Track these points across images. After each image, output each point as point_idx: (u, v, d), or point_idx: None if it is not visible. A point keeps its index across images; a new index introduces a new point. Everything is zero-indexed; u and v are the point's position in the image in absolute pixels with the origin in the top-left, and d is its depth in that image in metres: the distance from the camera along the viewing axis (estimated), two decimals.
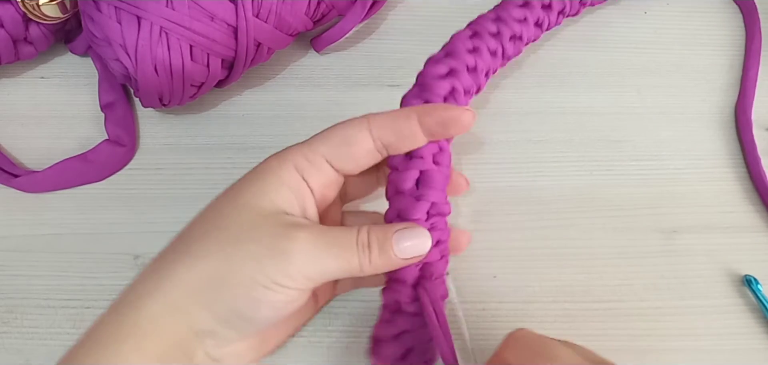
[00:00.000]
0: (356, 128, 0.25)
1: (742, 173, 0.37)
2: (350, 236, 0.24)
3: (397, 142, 0.25)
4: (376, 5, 0.39)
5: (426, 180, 0.26)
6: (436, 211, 0.26)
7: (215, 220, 0.24)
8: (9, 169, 0.33)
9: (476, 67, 0.30)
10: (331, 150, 0.25)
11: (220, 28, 0.32)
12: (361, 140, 0.25)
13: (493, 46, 0.31)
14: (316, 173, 0.25)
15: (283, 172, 0.24)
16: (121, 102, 0.36)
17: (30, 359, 0.30)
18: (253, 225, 0.23)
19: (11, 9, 0.33)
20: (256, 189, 0.24)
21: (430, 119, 0.25)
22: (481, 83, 0.31)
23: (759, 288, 0.33)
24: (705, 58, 0.41)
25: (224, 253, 0.23)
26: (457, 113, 0.25)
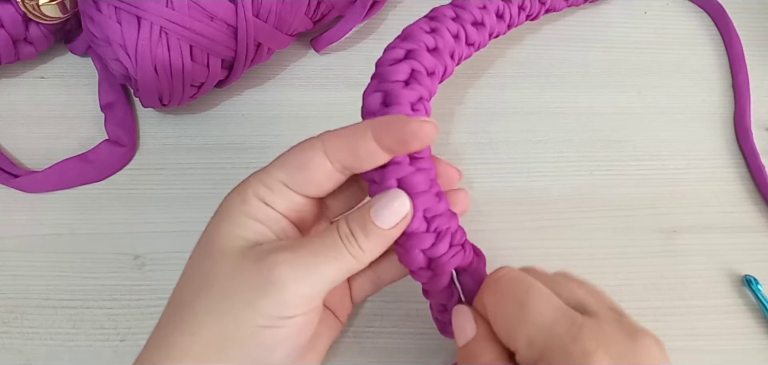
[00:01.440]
0: (311, 151, 0.23)
1: (742, 173, 0.37)
2: (332, 235, 0.23)
3: (355, 162, 0.23)
4: (376, 5, 0.39)
5: (408, 188, 0.24)
6: (431, 214, 0.24)
7: (198, 279, 0.23)
8: (9, 169, 0.33)
9: (437, 47, 0.28)
10: (288, 176, 0.23)
11: (220, 28, 0.32)
12: (316, 165, 0.23)
13: (454, 29, 0.30)
14: (279, 198, 0.24)
15: (245, 206, 0.23)
16: (121, 102, 0.36)
17: (30, 359, 0.30)
18: (234, 271, 0.22)
19: (11, 9, 0.33)
20: (224, 232, 0.23)
21: (386, 137, 0.23)
22: (447, 64, 0.29)
23: (759, 288, 0.33)
24: (705, 58, 0.41)
25: (218, 311, 0.22)
26: (415, 127, 0.23)
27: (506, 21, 0.35)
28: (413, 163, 0.24)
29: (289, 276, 0.22)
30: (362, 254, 0.23)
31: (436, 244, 0.24)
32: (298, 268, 0.22)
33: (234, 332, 0.21)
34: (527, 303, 0.22)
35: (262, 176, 0.24)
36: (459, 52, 0.31)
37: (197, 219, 0.33)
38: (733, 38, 0.41)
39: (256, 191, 0.23)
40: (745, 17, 0.42)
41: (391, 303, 0.32)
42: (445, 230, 0.24)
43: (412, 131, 0.23)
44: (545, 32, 0.41)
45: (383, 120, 0.24)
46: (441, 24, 0.30)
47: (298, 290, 0.22)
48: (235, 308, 0.22)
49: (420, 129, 0.23)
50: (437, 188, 0.25)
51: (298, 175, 0.23)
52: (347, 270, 0.23)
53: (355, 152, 0.23)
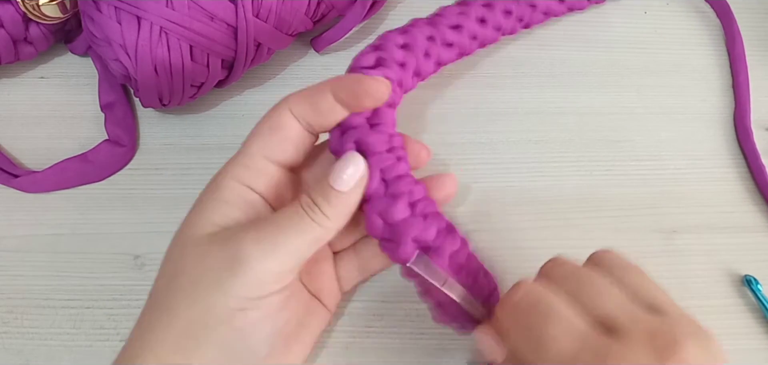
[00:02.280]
0: (278, 112, 0.25)
1: (742, 173, 0.37)
2: (294, 207, 0.23)
3: (317, 118, 0.24)
4: (376, 5, 0.39)
5: (365, 148, 0.24)
6: (391, 177, 0.24)
7: (172, 269, 0.23)
8: (9, 169, 0.33)
9: (406, 43, 0.29)
10: (263, 144, 0.24)
11: (220, 28, 0.32)
12: (285, 123, 0.24)
13: (427, 31, 0.31)
14: (258, 175, 0.24)
15: (220, 191, 0.24)
16: (121, 102, 0.36)
17: (30, 359, 0.30)
18: (201, 256, 0.22)
19: (11, 9, 0.33)
20: (195, 219, 0.23)
21: (342, 92, 0.24)
22: (420, 60, 0.30)
23: (759, 288, 0.33)
24: (705, 58, 0.41)
25: (189, 298, 0.22)
26: (368, 83, 0.24)
27: (491, 25, 0.35)
28: (372, 126, 0.25)
29: (255, 252, 0.22)
30: (327, 220, 0.23)
31: (393, 205, 0.24)
32: (263, 243, 0.22)
33: (205, 317, 0.21)
34: (545, 338, 0.20)
35: (239, 158, 0.24)
36: (436, 51, 0.32)
37: None
38: (735, 38, 0.41)
39: (234, 174, 0.24)
40: (746, 17, 0.42)
41: (391, 303, 0.32)
42: (402, 192, 0.24)
43: (364, 86, 0.24)
44: (545, 32, 0.41)
45: (341, 77, 0.25)
46: (413, 27, 0.31)
47: (266, 265, 0.22)
48: (205, 292, 0.22)
49: (372, 85, 0.24)
50: (399, 153, 0.25)
51: (272, 138, 0.24)
52: (314, 240, 0.23)
53: (316, 107, 0.24)
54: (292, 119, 0.24)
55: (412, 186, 0.25)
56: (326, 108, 0.24)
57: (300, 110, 0.24)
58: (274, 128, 0.24)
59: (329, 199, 0.23)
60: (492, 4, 0.35)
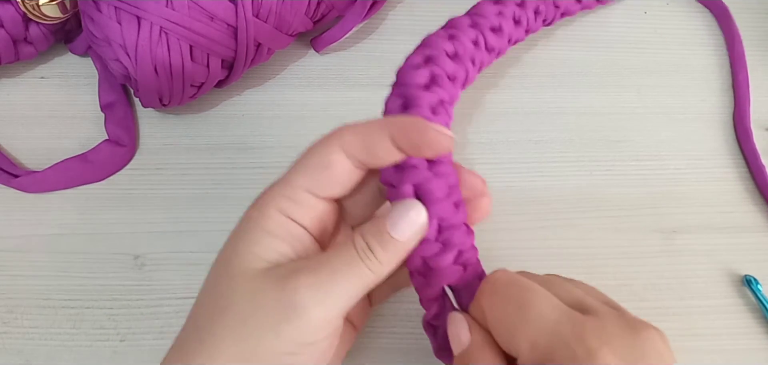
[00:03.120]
0: (329, 148, 0.23)
1: (742, 174, 0.37)
2: (349, 250, 0.22)
3: (371, 159, 0.23)
4: (376, 5, 0.39)
5: (424, 195, 0.23)
6: (447, 225, 0.23)
7: (216, 300, 0.22)
8: (9, 169, 0.33)
9: (457, 52, 0.28)
10: (310, 180, 0.23)
11: (220, 28, 0.32)
12: (336, 162, 0.23)
13: (472, 35, 0.30)
14: (302, 209, 0.23)
15: (265, 221, 0.23)
16: (121, 102, 0.36)
17: (30, 359, 0.30)
18: (253, 294, 0.21)
19: (11, 9, 0.33)
20: (242, 250, 0.23)
21: (402, 140, 0.23)
22: (468, 69, 0.29)
23: (759, 288, 0.33)
24: (705, 58, 0.41)
25: (238, 335, 0.21)
26: (431, 136, 0.23)
27: (523, 26, 0.35)
28: (431, 167, 0.23)
29: (311, 299, 0.21)
30: (380, 266, 0.22)
31: (440, 255, 0.23)
32: (319, 290, 0.21)
33: (254, 357, 0.21)
34: (527, 305, 0.21)
35: (282, 189, 0.23)
36: (480, 57, 0.31)
37: (197, 219, 0.34)
38: (734, 38, 0.41)
39: (278, 205, 0.23)
40: (745, 17, 0.42)
41: (391, 303, 0.31)
42: (454, 243, 0.23)
43: (427, 139, 0.23)
44: (545, 32, 0.41)
45: (401, 121, 0.23)
46: (459, 31, 0.29)
47: (321, 313, 0.21)
48: (256, 332, 0.21)
49: (435, 139, 0.23)
50: (457, 197, 0.24)
51: (321, 176, 0.23)
52: (366, 286, 0.22)
53: (371, 150, 0.23)
54: (344, 157, 0.23)
55: (464, 238, 0.24)
56: (383, 152, 0.23)
57: (353, 150, 0.23)
58: (324, 165, 0.23)
59: (385, 245, 0.22)
60: (525, 3, 0.35)
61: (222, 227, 0.33)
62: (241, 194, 0.34)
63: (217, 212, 0.34)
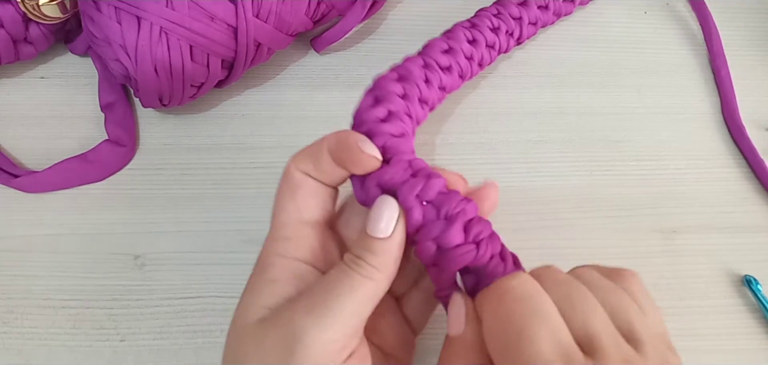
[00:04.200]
0: (288, 174, 0.24)
1: (742, 173, 0.37)
2: (339, 267, 0.22)
3: (322, 175, 0.24)
4: (376, 5, 0.39)
5: (388, 184, 0.23)
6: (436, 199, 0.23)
7: (231, 362, 0.22)
8: (9, 169, 0.33)
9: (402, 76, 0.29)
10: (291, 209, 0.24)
11: (220, 29, 0.32)
12: (301, 180, 0.24)
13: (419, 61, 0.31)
14: (299, 243, 0.23)
15: (268, 270, 0.23)
16: (121, 102, 0.36)
17: (30, 359, 0.30)
18: (258, 344, 0.21)
19: (11, 9, 0.33)
20: (246, 304, 0.22)
21: (335, 155, 0.24)
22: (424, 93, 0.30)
23: (759, 288, 0.33)
24: (705, 58, 0.41)
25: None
26: (356, 154, 0.23)
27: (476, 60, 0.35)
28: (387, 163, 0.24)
29: (308, 323, 0.20)
30: (375, 271, 0.22)
31: (447, 230, 0.23)
32: (315, 312, 0.21)
33: None
34: (526, 336, 0.19)
35: (275, 232, 0.24)
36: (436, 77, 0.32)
37: (197, 219, 0.34)
38: (712, 33, 0.41)
39: (275, 250, 0.23)
40: (745, 17, 0.42)
41: None
42: (455, 213, 0.23)
43: (352, 157, 0.23)
44: (545, 32, 0.41)
45: (335, 138, 0.24)
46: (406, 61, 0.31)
47: (321, 335, 0.20)
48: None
49: (359, 157, 0.23)
50: (428, 172, 0.24)
51: (295, 199, 0.24)
52: (368, 296, 0.22)
53: (318, 166, 0.24)
54: (304, 177, 0.24)
55: (464, 205, 0.23)
56: (327, 166, 0.24)
57: (305, 168, 0.24)
58: (293, 188, 0.24)
59: (372, 249, 0.22)
60: (477, 24, 0.35)
61: (222, 227, 0.33)
62: (241, 194, 0.34)
63: (217, 212, 0.34)
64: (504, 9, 0.37)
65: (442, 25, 0.38)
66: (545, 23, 0.40)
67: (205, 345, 0.30)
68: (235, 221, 0.33)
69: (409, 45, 0.40)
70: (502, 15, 0.36)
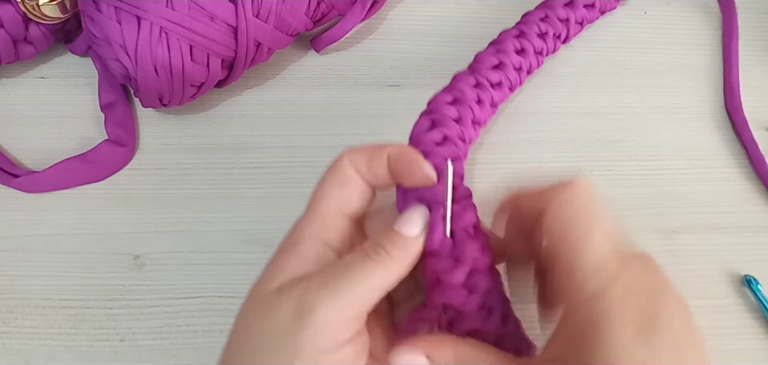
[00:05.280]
0: (342, 167, 0.25)
1: (742, 173, 0.37)
2: (358, 252, 0.23)
3: (371, 177, 0.25)
4: (376, 5, 0.39)
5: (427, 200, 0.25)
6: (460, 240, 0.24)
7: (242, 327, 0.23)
8: (9, 169, 0.33)
9: (455, 99, 0.30)
10: (336, 199, 0.24)
11: (220, 28, 0.32)
12: (353, 177, 0.25)
13: (471, 81, 0.32)
14: (334, 231, 0.24)
15: (300, 247, 0.23)
16: (121, 102, 0.36)
17: (30, 359, 0.30)
18: (270, 309, 0.22)
19: (11, 9, 0.33)
20: (270, 274, 0.23)
21: (394, 164, 0.25)
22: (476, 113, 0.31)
23: (759, 288, 0.33)
24: (705, 58, 0.41)
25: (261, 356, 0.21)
26: (417, 170, 0.25)
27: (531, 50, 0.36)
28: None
29: (319, 300, 0.21)
30: (391, 261, 0.23)
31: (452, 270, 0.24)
32: (328, 288, 0.21)
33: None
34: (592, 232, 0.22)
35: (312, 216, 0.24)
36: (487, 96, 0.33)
37: (197, 219, 0.34)
38: (733, 32, 0.41)
39: (311, 232, 0.24)
40: (745, 17, 0.42)
41: None
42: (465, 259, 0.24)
43: (414, 171, 0.25)
44: None
45: (399, 150, 0.25)
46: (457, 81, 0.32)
47: (333, 313, 0.21)
48: (275, 349, 0.21)
49: (420, 173, 0.25)
50: (465, 203, 0.26)
51: (343, 192, 0.25)
52: (379, 283, 0.23)
53: (372, 170, 0.25)
54: (355, 172, 0.25)
55: (479, 253, 0.24)
56: (381, 172, 0.25)
57: (360, 166, 0.25)
58: (343, 182, 0.25)
59: (394, 241, 0.23)
60: (525, 33, 0.36)
61: (222, 227, 0.33)
62: (241, 194, 0.34)
63: (217, 212, 0.34)
64: (551, 12, 0.37)
65: (442, 25, 0.38)
66: (591, 21, 0.40)
67: (205, 345, 0.30)
68: (235, 221, 0.33)
69: (408, 45, 0.40)
70: (550, 18, 0.37)
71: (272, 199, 0.34)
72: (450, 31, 0.38)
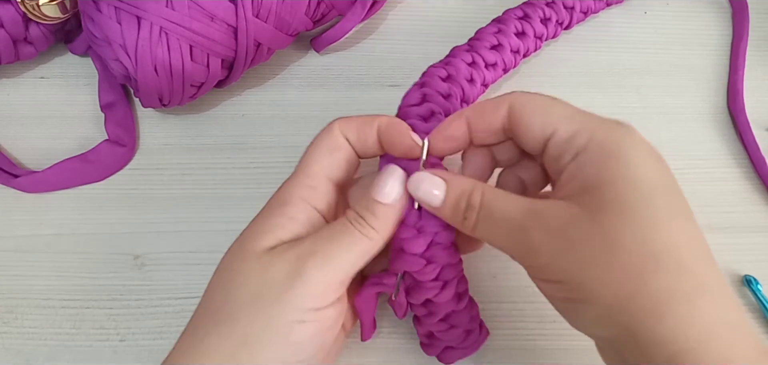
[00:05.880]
0: (332, 134, 0.26)
1: (742, 173, 0.37)
2: (342, 221, 0.24)
3: (360, 146, 0.26)
4: (376, 5, 0.39)
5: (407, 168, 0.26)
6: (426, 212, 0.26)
7: (232, 279, 0.24)
8: (9, 169, 0.33)
9: (449, 75, 0.31)
10: (326, 166, 0.26)
11: (220, 28, 0.32)
12: (342, 144, 0.26)
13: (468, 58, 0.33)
14: (322, 195, 0.25)
15: (289, 207, 0.25)
16: (121, 102, 0.36)
17: (30, 359, 0.30)
18: (263, 269, 0.23)
19: (11, 9, 0.33)
20: (258, 231, 0.24)
21: (384, 134, 0.26)
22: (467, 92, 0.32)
23: (759, 288, 0.33)
24: (705, 58, 0.41)
25: (249, 309, 0.23)
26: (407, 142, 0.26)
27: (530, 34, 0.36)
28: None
29: (313, 265, 0.23)
30: (374, 232, 0.24)
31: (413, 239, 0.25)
32: (318, 255, 0.23)
33: (265, 330, 0.22)
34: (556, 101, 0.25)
35: (303, 179, 0.26)
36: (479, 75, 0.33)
37: (197, 219, 0.34)
38: (743, 33, 0.41)
39: (301, 194, 0.25)
40: None
41: None
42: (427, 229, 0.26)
43: (404, 143, 0.26)
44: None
45: (390, 120, 0.26)
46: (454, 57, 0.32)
47: (322, 277, 0.23)
48: (266, 305, 0.22)
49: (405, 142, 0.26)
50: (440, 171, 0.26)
51: (333, 159, 0.26)
52: (364, 252, 0.24)
53: (362, 138, 0.26)
54: (345, 140, 0.26)
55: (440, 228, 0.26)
56: (371, 141, 0.26)
57: (349, 134, 0.26)
58: (333, 148, 0.26)
59: (374, 211, 0.25)
60: (529, 14, 0.36)
61: (222, 227, 0.33)
62: (241, 194, 0.34)
63: (216, 212, 0.34)
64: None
65: (442, 26, 0.38)
66: (596, 11, 0.40)
67: None
68: (235, 221, 0.33)
69: (409, 45, 0.40)
70: (556, 5, 0.37)
71: None
72: (450, 31, 0.38)
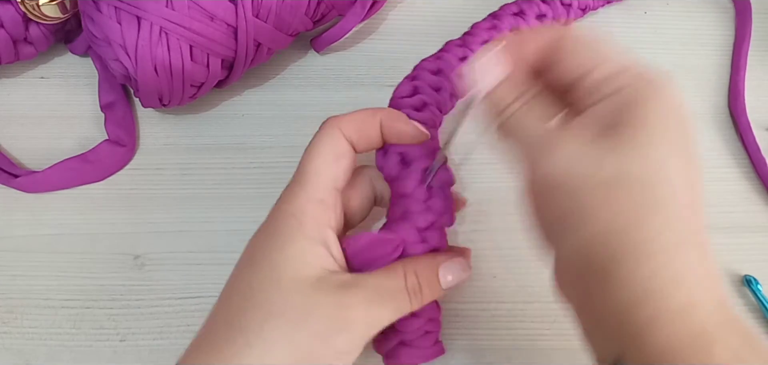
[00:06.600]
0: (334, 139, 0.26)
1: (742, 173, 0.37)
2: (399, 283, 0.24)
3: (361, 142, 0.26)
4: (376, 5, 0.39)
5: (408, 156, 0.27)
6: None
7: (264, 304, 0.23)
8: (9, 169, 0.33)
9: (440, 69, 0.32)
10: (333, 175, 0.26)
11: (220, 28, 0.32)
12: (346, 149, 0.26)
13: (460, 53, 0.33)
14: (331, 210, 0.25)
15: (306, 229, 0.24)
16: (121, 102, 0.36)
17: (30, 359, 0.30)
18: (306, 303, 0.23)
19: (11, 9, 0.33)
20: (291, 256, 0.24)
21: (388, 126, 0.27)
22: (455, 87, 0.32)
23: (759, 288, 0.33)
24: (705, 58, 0.41)
25: (291, 341, 0.22)
26: (411, 127, 0.27)
27: None
28: None
29: (363, 318, 0.23)
30: (420, 304, 0.25)
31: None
32: (369, 311, 0.23)
33: (304, 361, 0.22)
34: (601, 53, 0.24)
35: (312, 192, 0.25)
36: None
37: (197, 219, 0.34)
38: (746, 34, 0.41)
39: (313, 213, 0.24)
40: None
41: None
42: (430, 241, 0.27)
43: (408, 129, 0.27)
44: None
45: (388, 111, 0.27)
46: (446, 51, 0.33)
47: (367, 331, 0.24)
48: (308, 340, 0.22)
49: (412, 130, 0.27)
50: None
51: (339, 167, 0.26)
52: (402, 314, 0.25)
53: (364, 133, 0.26)
54: (348, 145, 0.26)
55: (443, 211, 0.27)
56: (373, 134, 0.26)
57: (350, 134, 0.26)
58: (340, 155, 0.26)
59: (433, 290, 0.25)
60: (524, 11, 0.36)
61: (222, 227, 0.33)
62: (241, 194, 0.34)
63: (216, 212, 0.34)
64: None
65: (442, 26, 0.38)
66: (595, 8, 0.40)
67: None
68: (235, 221, 0.33)
69: (409, 45, 0.40)
70: (553, 1, 0.37)
71: (272, 199, 0.34)
72: (450, 31, 0.38)
